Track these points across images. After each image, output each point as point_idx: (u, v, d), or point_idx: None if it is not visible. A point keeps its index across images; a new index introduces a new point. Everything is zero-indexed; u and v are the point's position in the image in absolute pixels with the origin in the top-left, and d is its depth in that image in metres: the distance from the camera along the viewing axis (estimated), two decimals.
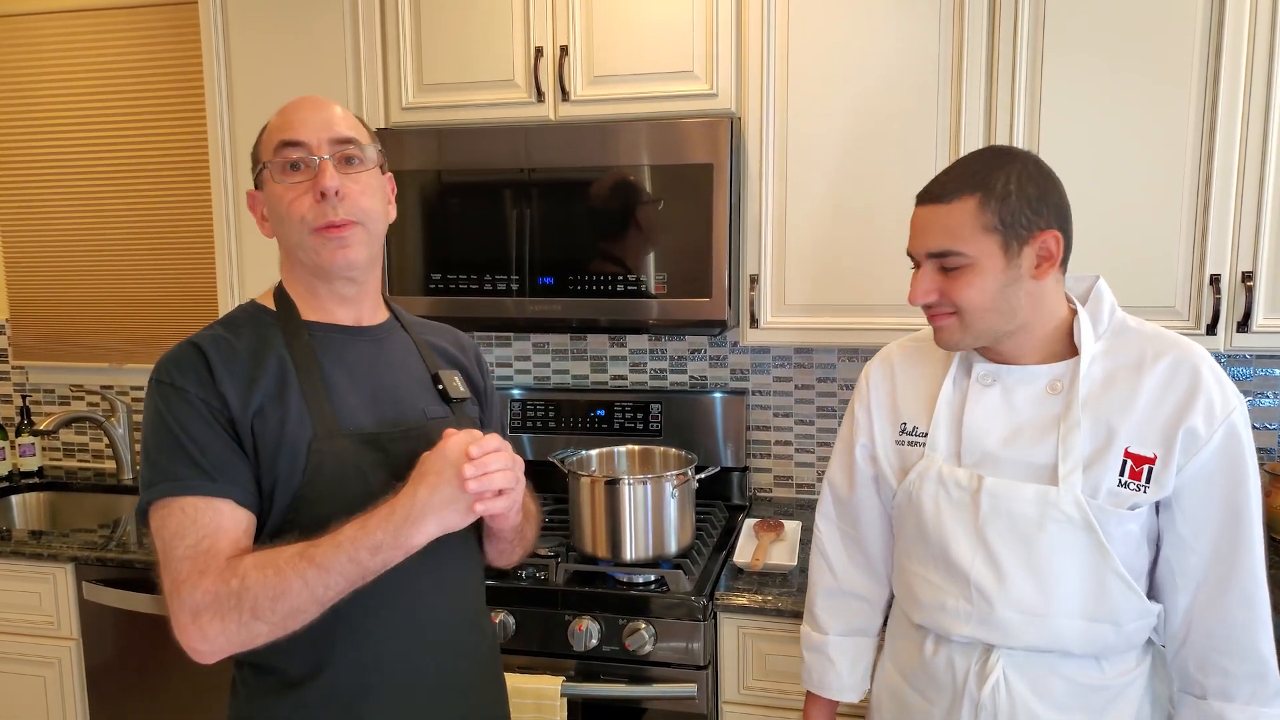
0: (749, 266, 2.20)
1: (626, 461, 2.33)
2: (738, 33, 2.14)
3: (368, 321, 1.37)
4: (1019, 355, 1.35)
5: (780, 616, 1.93)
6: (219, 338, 1.26)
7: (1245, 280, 1.94)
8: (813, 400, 2.59)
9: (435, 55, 2.27)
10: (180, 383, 1.20)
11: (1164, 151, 1.95)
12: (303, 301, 1.33)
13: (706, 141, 2.08)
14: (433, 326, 1.54)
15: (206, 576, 1.13)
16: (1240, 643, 1.28)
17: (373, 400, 1.31)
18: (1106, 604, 1.30)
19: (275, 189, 1.26)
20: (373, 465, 1.26)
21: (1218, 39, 1.89)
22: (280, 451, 1.21)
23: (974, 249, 1.26)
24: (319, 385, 1.26)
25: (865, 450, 1.53)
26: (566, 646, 1.97)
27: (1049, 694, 1.34)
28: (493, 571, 2.09)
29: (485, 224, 2.22)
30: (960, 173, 1.29)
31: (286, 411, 1.23)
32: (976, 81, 2.01)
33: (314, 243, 1.25)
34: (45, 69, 2.96)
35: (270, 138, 1.28)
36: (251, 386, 1.22)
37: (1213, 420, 1.25)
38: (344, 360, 1.31)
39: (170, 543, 1.16)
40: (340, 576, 1.12)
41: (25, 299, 3.11)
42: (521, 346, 2.77)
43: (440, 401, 1.40)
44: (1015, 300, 1.29)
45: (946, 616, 1.38)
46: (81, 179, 3.00)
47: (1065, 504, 1.28)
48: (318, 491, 1.22)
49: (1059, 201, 1.29)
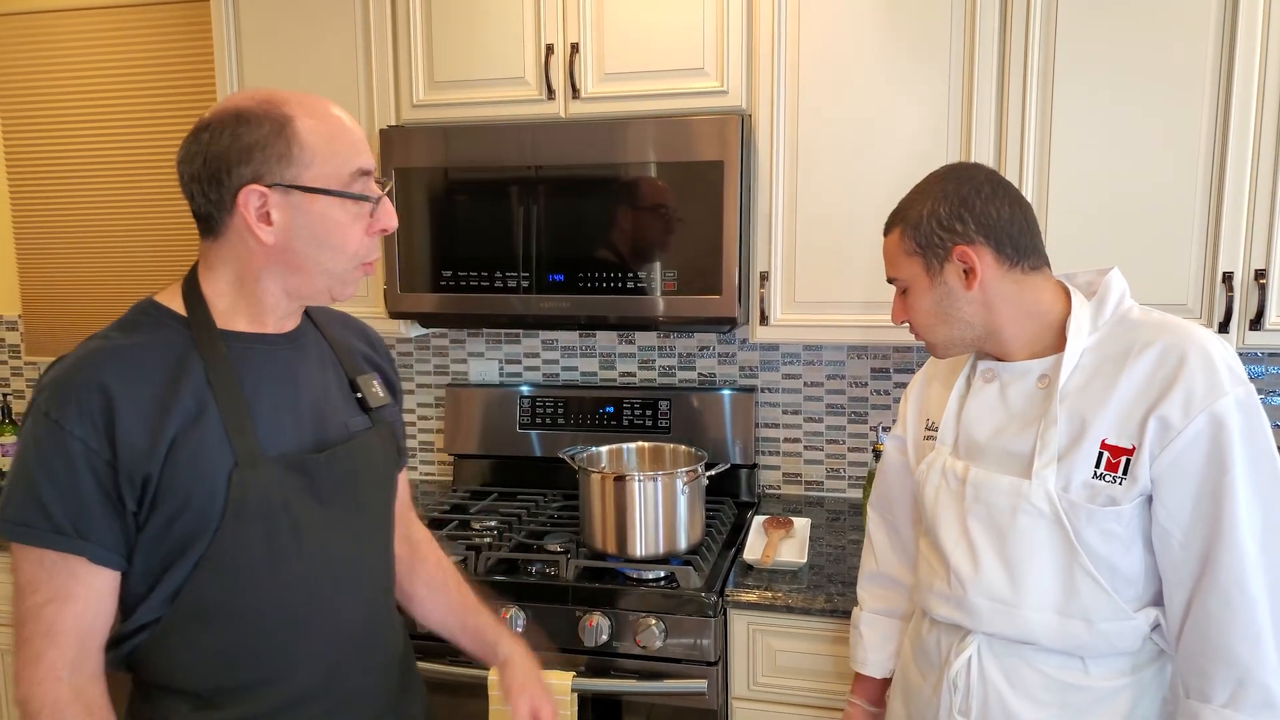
0: (759, 264, 2.20)
1: (636, 458, 2.34)
2: (748, 30, 2.14)
3: (289, 325, 1.27)
4: (1010, 352, 1.39)
5: (790, 613, 1.93)
6: (123, 353, 1.13)
7: (1258, 278, 1.93)
8: (822, 398, 2.59)
9: (446, 52, 2.28)
10: (60, 419, 1.08)
11: (1176, 147, 1.94)
12: (226, 306, 1.20)
13: (717, 139, 2.08)
14: (341, 320, 1.43)
15: (38, 667, 1.09)
16: (1216, 645, 1.22)
17: (295, 418, 1.22)
18: (1077, 601, 1.30)
19: (330, 209, 1.16)
20: (297, 491, 1.19)
21: (1231, 35, 1.88)
22: (196, 484, 1.12)
23: (904, 273, 1.39)
24: (239, 406, 1.16)
25: (899, 443, 1.62)
26: (577, 642, 1.97)
27: (1023, 685, 1.35)
28: (504, 566, 2.10)
29: (495, 221, 2.22)
30: (900, 204, 1.41)
31: (204, 439, 1.13)
32: (988, 72, 2.01)
33: (354, 276, 1.21)
34: (59, 66, 2.97)
35: (343, 159, 1.16)
36: (163, 418, 1.11)
37: (1190, 408, 1.21)
38: (264, 374, 1.21)
39: (22, 589, 1.11)
40: None
41: (38, 295, 3.13)
42: (531, 343, 2.77)
43: (360, 411, 1.33)
44: (958, 312, 1.36)
45: (932, 597, 1.45)
46: (94, 175, 3.01)
47: (1035, 497, 1.31)
48: (239, 525, 1.15)
49: (983, 215, 1.33)
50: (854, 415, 2.58)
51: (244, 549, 1.15)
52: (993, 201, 1.33)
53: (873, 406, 2.56)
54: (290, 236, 1.15)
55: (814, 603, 1.91)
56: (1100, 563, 1.29)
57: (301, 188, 1.14)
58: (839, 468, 2.61)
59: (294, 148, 1.14)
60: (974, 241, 1.33)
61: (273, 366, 1.22)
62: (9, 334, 3.19)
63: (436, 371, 2.85)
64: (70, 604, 1.10)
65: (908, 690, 1.54)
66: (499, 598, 2.01)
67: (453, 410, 2.73)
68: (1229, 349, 1.26)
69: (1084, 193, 2.00)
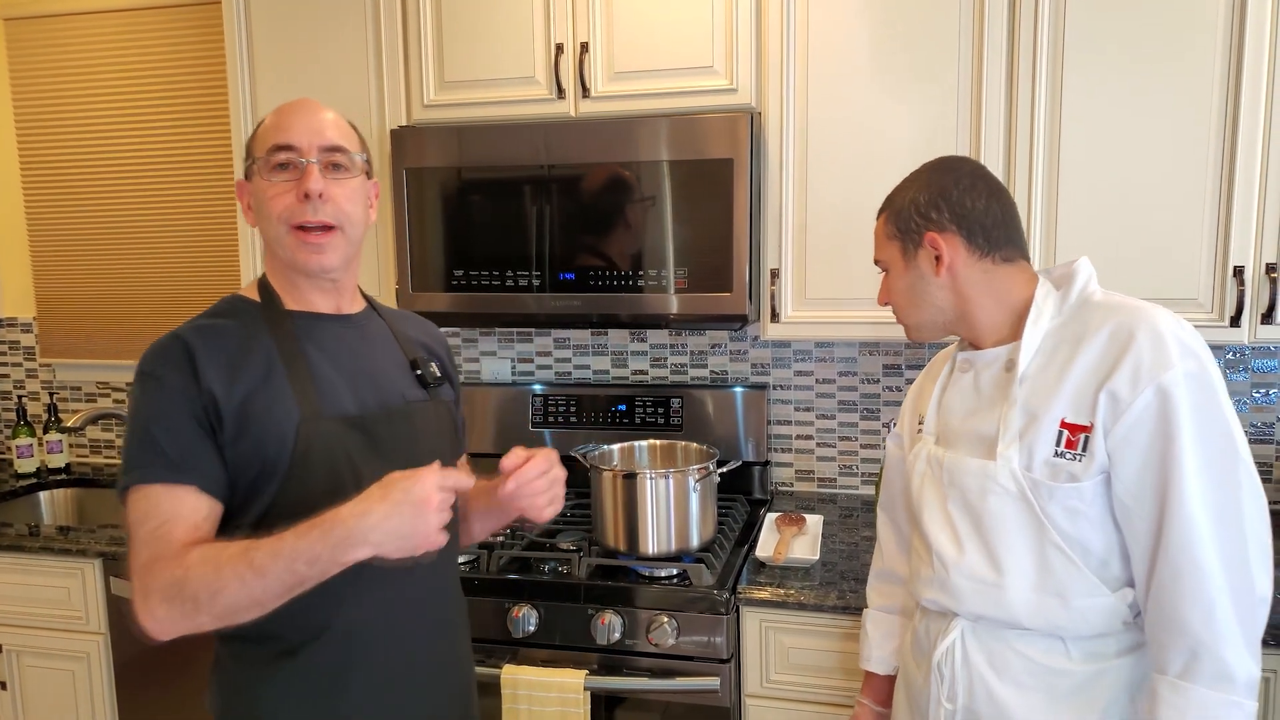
0: (769, 261, 2.20)
1: (648, 456, 2.34)
2: (758, 28, 2.14)
3: (347, 310, 1.43)
4: (982, 338, 1.44)
5: (803, 610, 1.93)
6: (204, 327, 1.30)
7: (1269, 272, 1.92)
8: (834, 394, 2.59)
9: (457, 52, 2.29)
10: (159, 372, 1.24)
11: (1186, 142, 1.94)
12: (285, 292, 1.38)
13: (726, 137, 2.08)
14: (406, 317, 1.59)
15: (159, 562, 1.17)
16: (1170, 616, 1.23)
17: (354, 384, 1.36)
18: (1052, 578, 1.32)
19: (262, 185, 1.32)
20: (358, 447, 1.31)
21: (1240, 28, 1.87)
22: (268, 435, 1.25)
23: (885, 255, 1.48)
24: (303, 370, 1.31)
25: (897, 440, 1.67)
26: (590, 640, 1.98)
27: (1007, 670, 1.37)
28: (516, 565, 2.11)
29: (506, 220, 2.23)
30: (891, 191, 1.49)
31: (273, 397, 1.27)
32: (997, 67, 2.01)
33: (290, 241, 1.31)
34: (73, 70, 3.00)
35: (264, 137, 1.33)
36: (237, 374, 1.26)
37: (1137, 382, 1.23)
38: (326, 346, 1.36)
39: (134, 527, 1.21)
40: (277, 582, 1.13)
41: (52, 297, 3.15)
42: (543, 342, 2.78)
43: (418, 386, 1.45)
44: (929, 296, 1.43)
45: (919, 582, 1.48)
46: (108, 178, 3.03)
47: (1002, 477, 1.34)
48: (305, 472, 1.26)
49: (958, 204, 1.38)
50: (866, 412, 2.58)
51: (310, 495, 1.23)
52: (970, 193, 1.39)
53: (885, 403, 2.55)
54: (255, 216, 1.35)
55: (826, 599, 1.91)
56: (1070, 540, 1.31)
57: (246, 173, 1.36)
58: (851, 464, 2.61)
59: (252, 142, 1.35)
60: (945, 229, 1.39)
61: (334, 340, 1.37)
62: (24, 336, 3.21)
63: None
64: (181, 522, 1.20)
65: (907, 681, 1.56)
66: (511, 596, 2.02)
67: (466, 409, 2.73)
68: (1185, 326, 1.27)
69: (1094, 186, 1.99)
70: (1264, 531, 1.24)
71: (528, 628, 2.00)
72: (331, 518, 1.12)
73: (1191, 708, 1.21)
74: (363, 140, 1.41)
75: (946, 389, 1.50)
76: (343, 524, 1.11)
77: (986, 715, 1.38)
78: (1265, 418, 2.32)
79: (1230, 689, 1.21)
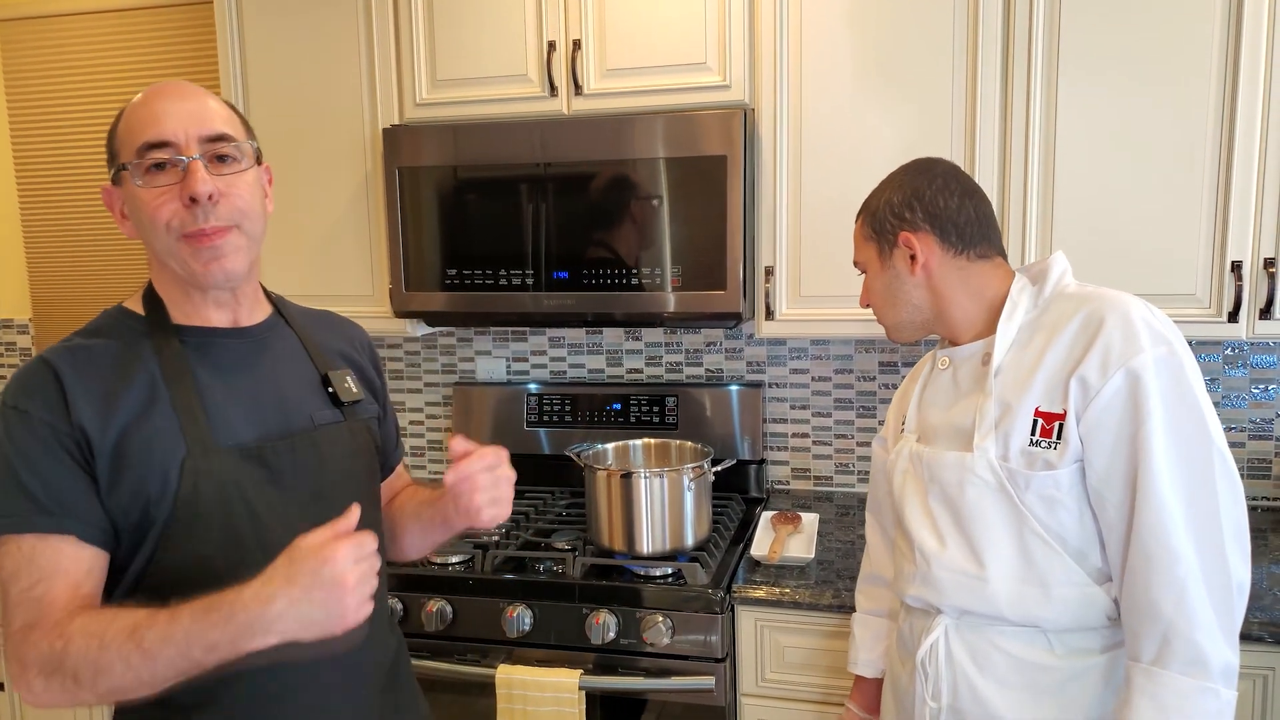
0: (764, 258, 2.19)
1: (643, 455, 2.33)
2: (750, 24, 2.13)
3: (246, 321, 1.26)
4: (959, 335, 1.45)
5: (798, 609, 1.92)
6: (77, 348, 1.15)
7: (1267, 267, 1.91)
8: (830, 392, 2.58)
9: (448, 51, 2.28)
10: (24, 406, 1.09)
11: (1184, 137, 1.92)
12: (174, 304, 1.22)
13: (720, 133, 2.07)
14: (323, 320, 1.42)
15: (35, 630, 1.04)
16: (1142, 601, 1.22)
17: (253, 410, 1.20)
18: (1033, 567, 1.32)
19: (137, 192, 1.15)
20: (254, 483, 1.16)
21: (1237, 21, 1.86)
22: (149, 474, 1.10)
23: (863, 257, 1.50)
24: (191, 397, 1.15)
25: (882, 443, 1.67)
26: (584, 640, 1.97)
27: (990, 667, 1.37)
28: (511, 564, 2.10)
29: (500, 219, 2.22)
30: (869, 193, 1.50)
31: (155, 430, 1.12)
32: (992, 63, 2.00)
33: (184, 252, 1.15)
34: (67, 70, 2.98)
35: (131, 135, 1.15)
36: (113, 405, 1.11)
37: (1107, 367, 1.24)
38: (220, 367, 1.20)
39: (7, 583, 1.08)
40: (168, 667, 0.99)
41: (48, 299, 3.14)
42: (537, 341, 2.77)
43: (330, 405, 1.29)
44: (906, 295, 1.45)
45: (903, 579, 1.48)
46: (103, 179, 3.01)
47: (979, 468, 1.35)
48: (193, 516, 1.11)
49: (931, 204, 1.41)
50: (862, 409, 2.57)
51: (201, 537, 1.12)
52: (943, 193, 1.41)
53: (881, 401, 2.54)
54: (134, 226, 1.19)
55: (822, 598, 1.90)
56: (1050, 530, 1.31)
57: (115, 179, 1.18)
58: (848, 462, 2.60)
59: (114, 141, 1.18)
60: (919, 229, 1.41)
61: (229, 359, 1.22)
62: (19, 337, 3.21)
63: (444, 370, 2.85)
64: (60, 579, 1.07)
65: (894, 681, 1.56)
66: (509, 596, 2.02)
67: (460, 409, 2.73)
68: (1156, 313, 1.28)
69: (1089, 181, 1.98)
70: (1239, 517, 1.23)
71: (522, 627, 1.99)
72: (233, 600, 0.97)
73: (1165, 694, 1.20)
74: (247, 125, 1.24)
75: (927, 386, 1.52)
76: (245, 610, 0.97)
77: (971, 713, 1.38)
78: (1264, 413, 2.31)
79: (1204, 675, 1.19)
